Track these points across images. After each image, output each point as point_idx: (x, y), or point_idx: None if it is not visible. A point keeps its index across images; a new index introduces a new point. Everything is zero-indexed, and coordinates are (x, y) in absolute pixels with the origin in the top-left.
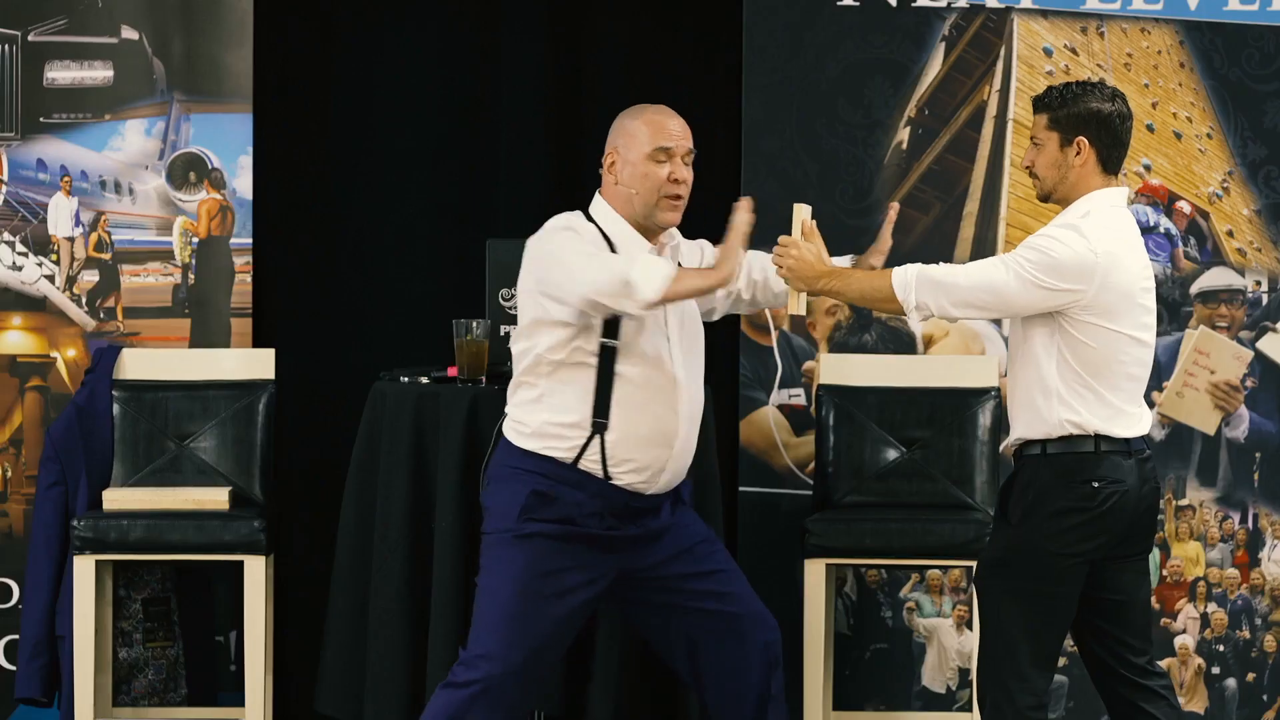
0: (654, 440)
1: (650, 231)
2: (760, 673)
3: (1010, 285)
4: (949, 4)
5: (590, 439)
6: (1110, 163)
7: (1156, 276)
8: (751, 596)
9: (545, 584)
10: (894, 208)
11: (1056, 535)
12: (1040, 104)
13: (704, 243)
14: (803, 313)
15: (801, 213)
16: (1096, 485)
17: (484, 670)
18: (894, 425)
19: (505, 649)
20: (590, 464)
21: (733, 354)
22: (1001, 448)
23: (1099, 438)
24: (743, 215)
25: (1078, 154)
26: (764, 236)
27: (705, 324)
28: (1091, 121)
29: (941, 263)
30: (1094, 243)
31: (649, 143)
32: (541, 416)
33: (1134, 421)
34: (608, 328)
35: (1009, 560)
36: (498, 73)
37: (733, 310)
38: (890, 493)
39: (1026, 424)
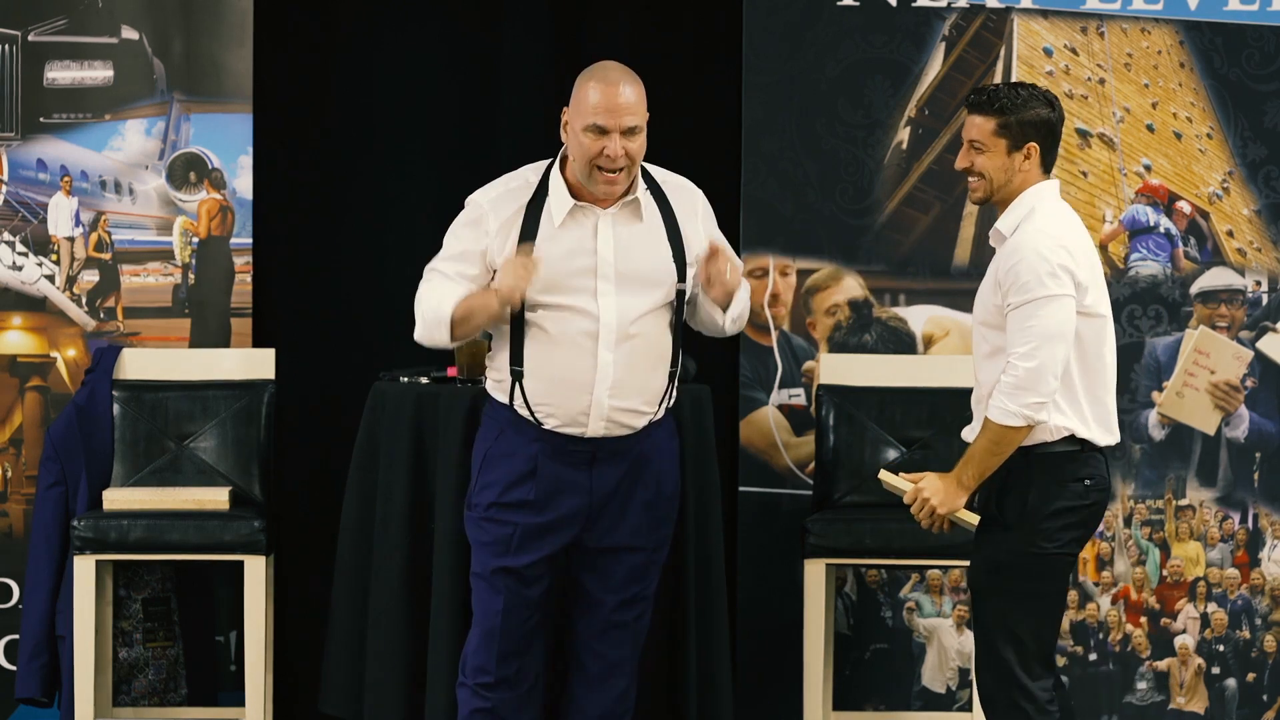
0: (569, 385)
1: (596, 196)
2: None
3: (1055, 317)
4: (949, 4)
5: (514, 385)
6: (1049, 164)
7: (1156, 276)
8: (621, 671)
9: (514, 590)
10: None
11: (1055, 534)
12: (987, 108)
13: (704, 207)
14: (974, 522)
15: (889, 477)
16: (1089, 483)
17: (476, 679)
18: (894, 425)
19: (486, 659)
20: (520, 409)
21: (733, 354)
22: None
23: (1075, 436)
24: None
25: (1027, 158)
26: (764, 238)
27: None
28: (1041, 128)
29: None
30: (1053, 235)
31: (586, 116)
32: (492, 365)
33: (1110, 431)
34: None
35: (1009, 563)
36: (498, 73)
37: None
38: (890, 493)
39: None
